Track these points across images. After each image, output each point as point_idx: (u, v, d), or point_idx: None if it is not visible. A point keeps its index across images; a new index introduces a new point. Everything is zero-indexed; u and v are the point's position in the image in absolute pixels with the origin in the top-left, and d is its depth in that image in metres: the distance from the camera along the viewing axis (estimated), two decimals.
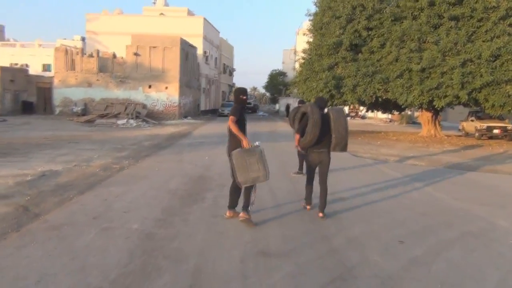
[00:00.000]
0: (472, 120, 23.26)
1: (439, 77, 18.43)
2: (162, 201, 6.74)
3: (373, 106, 23.79)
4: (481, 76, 17.85)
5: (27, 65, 56.37)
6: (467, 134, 24.12)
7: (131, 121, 28.12)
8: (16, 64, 52.85)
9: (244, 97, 5.87)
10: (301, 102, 10.71)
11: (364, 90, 19.74)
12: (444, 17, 19.51)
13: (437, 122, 23.46)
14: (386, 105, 23.83)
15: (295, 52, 26.40)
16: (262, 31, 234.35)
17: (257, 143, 5.81)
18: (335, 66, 21.10)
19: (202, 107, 42.56)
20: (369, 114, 43.69)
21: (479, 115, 23.33)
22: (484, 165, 12.75)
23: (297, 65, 26.03)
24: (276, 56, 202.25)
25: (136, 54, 32.20)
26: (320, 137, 6.03)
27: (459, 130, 25.87)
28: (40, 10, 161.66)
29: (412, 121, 40.37)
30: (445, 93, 18.29)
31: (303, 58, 23.98)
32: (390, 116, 43.09)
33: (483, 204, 7.33)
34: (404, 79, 19.20)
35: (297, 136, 6.30)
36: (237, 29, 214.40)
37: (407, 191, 8.30)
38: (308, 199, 6.54)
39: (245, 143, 5.61)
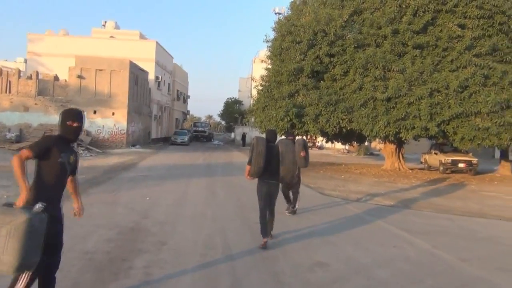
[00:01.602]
0: (435, 153, 22.40)
1: (405, 107, 17.36)
2: (67, 275, 4.61)
3: (336, 137, 22.48)
4: (449, 107, 16.95)
5: None
6: (430, 168, 23.24)
7: None
8: None
9: (75, 124, 3.49)
10: (288, 134, 9.30)
11: (327, 120, 18.34)
12: (408, 45, 18.66)
13: (400, 155, 22.43)
14: (349, 136, 22.60)
15: (252, 79, 24.99)
16: (218, 58, 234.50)
17: (38, 205, 3.16)
18: (296, 94, 19.64)
19: (154, 135, 40.06)
20: (326, 144, 42.83)
21: (442, 148, 22.53)
22: (466, 206, 11.39)
23: (254, 92, 24.47)
24: (232, 84, 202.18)
25: (80, 76, 29.64)
26: (267, 168, 6.20)
27: (421, 162, 25.04)
28: None
29: (370, 152, 39.78)
30: (412, 124, 17.20)
31: (261, 85, 22.45)
32: (347, 147, 42.42)
33: (501, 269, 5.69)
34: (368, 108, 17.99)
35: (248, 167, 6.38)
36: (192, 56, 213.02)
37: (401, 247, 6.56)
38: (264, 232, 6.26)
39: (21, 198, 3.19)
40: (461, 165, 20.87)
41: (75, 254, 5.36)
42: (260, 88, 22.48)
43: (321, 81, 19.95)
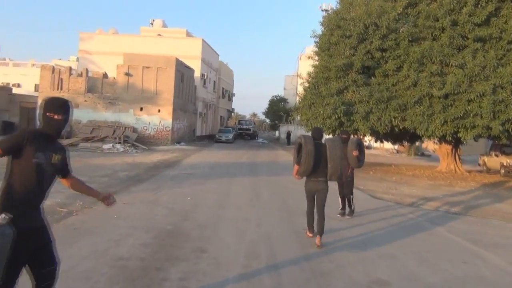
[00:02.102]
0: (496, 155, 20.76)
1: (465, 105, 16.04)
2: (94, 286, 4.14)
3: (387, 136, 21.31)
4: None
5: (18, 85, 54.54)
6: (489, 170, 21.61)
7: (118, 145, 25.60)
8: (8, 83, 50.86)
9: (56, 116, 2.88)
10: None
11: (378, 118, 17.31)
12: (468, 38, 17.28)
13: (457, 156, 20.96)
14: (402, 136, 21.37)
15: (298, 76, 24.22)
16: (263, 56, 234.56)
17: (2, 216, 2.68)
18: (345, 91, 18.72)
19: (198, 133, 40.11)
20: (374, 144, 41.31)
21: (504, 150, 20.85)
22: None
23: (300, 89, 23.69)
24: (277, 82, 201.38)
25: (127, 74, 29.98)
26: (316, 167, 6.19)
27: (479, 165, 23.38)
28: (37, 29, 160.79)
29: (421, 153, 37.95)
30: (473, 123, 15.86)
31: (308, 82, 21.64)
32: (397, 146, 40.69)
33: None
34: (424, 106, 16.80)
35: (296, 167, 6.38)
36: (238, 53, 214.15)
37: (472, 264, 5.69)
38: (310, 226, 6.54)
39: None
40: None
41: (107, 260, 4.91)
42: (307, 85, 21.65)
43: (372, 77, 18.90)
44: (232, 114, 69.86)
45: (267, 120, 76.40)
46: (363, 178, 16.18)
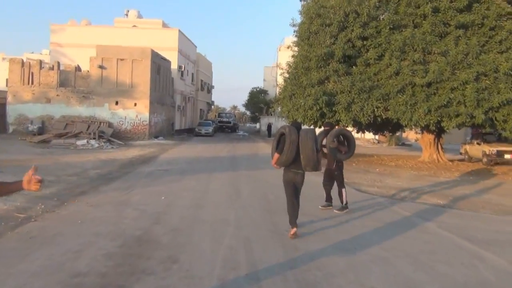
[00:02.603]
0: (478, 143, 20.57)
1: (448, 93, 15.71)
2: None
3: (370, 126, 20.92)
4: (498, 92, 15.22)
5: None
6: (471, 159, 21.45)
7: (92, 141, 24.61)
8: None
9: None
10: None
11: (361, 109, 16.85)
12: (451, 25, 16.93)
13: (439, 146, 20.72)
14: (384, 126, 21.01)
15: (277, 66, 23.53)
16: (242, 47, 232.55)
17: None
18: (326, 81, 18.20)
19: (177, 126, 39.21)
20: (355, 134, 41.11)
21: (485, 138, 20.68)
22: None
23: (280, 80, 23.11)
24: (257, 74, 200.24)
25: (101, 66, 28.88)
26: (296, 157, 6.21)
27: (460, 153, 23.23)
28: (7, 22, 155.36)
29: (402, 143, 37.91)
30: (456, 112, 15.54)
31: (288, 72, 21.06)
32: (377, 137, 40.59)
33: None
34: (407, 95, 16.40)
35: (276, 155, 6.32)
36: (216, 45, 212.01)
37: (471, 265, 5.21)
38: (293, 221, 6.26)
39: None
40: (507, 156, 19.00)
41: (61, 277, 4.23)
42: (287, 75, 21.09)
43: (354, 67, 18.42)
44: (212, 107, 68.90)
45: (248, 113, 75.73)
46: (346, 170, 15.51)
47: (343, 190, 8.27)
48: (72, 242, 5.37)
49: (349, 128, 24.79)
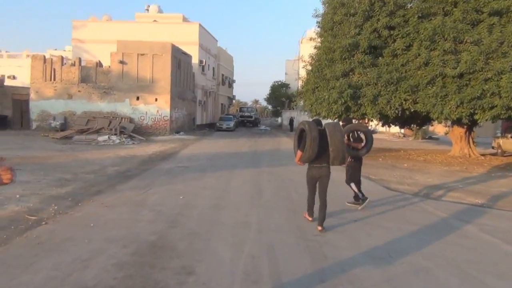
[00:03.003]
0: None
1: (482, 84, 14.82)
2: None
3: (397, 120, 20.10)
4: None
5: (14, 77, 53.30)
6: (504, 153, 20.43)
7: (114, 137, 24.50)
8: (3, 75, 49.62)
9: None
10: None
11: (388, 102, 16.11)
12: (484, 12, 15.99)
13: (470, 139, 19.77)
14: (413, 119, 20.17)
15: (300, 59, 22.81)
16: (263, 41, 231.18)
17: None
18: (351, 73, 17.49)
19: (198, 121, 38.95)
20: (380, 128, 40.10)
21: None
22: None
23: (303, 73, 22.45)
24: (278, 67, 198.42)
25: (122, 62, 28.75)
26: (319, 153, 6.19)
27: (492, 147, 22.19)
28: (32, 20, 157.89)
29: (429, 136, 36.75)
30: (491, 103, 14.66)
31: (311, 65, 20.39)
32: (403, 130, 39.48)
33: None
34: (437, 86, 15.58)
35: (299, 153, 6.35)
36: (237, 39, 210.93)
37: None
38: (310, 210, 6.64)
39: None
40: None
41: None
42: (310, 68, 20.43)
43: (380, 58, 17.64)
44: (233, 101, 68.51)
45: (269, 107, 75.10)
46: (372, 166, 15.09)
47: (351, 184, 8.02)
48: (82, 249, 4.97)
49: (375, 122, 24.17)
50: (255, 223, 6.39)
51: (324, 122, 6.68)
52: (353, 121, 10.11)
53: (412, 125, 24.16)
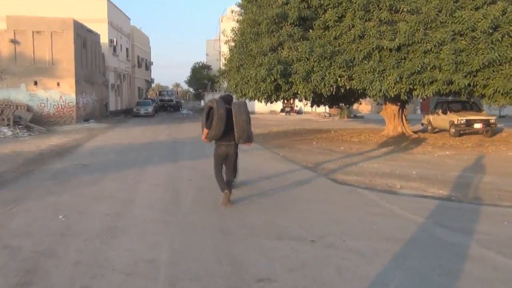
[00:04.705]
0: (443, 113, 18.90)
1: (421, 57, 13.61)
2: None
3: (331, 99, 18.60)
4: (476, 54, 13.30)
5: None
6: (434, 130, 19.88)
7: (4, 129, 20.63)
8: None
9: None
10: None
11: (322, 78, 14.40)
12: None
13: (404, 117, 18.86)
14: (346, 98, 18.81)
15: (222, 33, 20.36)
16: (182, 21, 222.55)
17: None
18: (280, 48, 15.54)
19: (112, 107, 35.26)
20: (305, 108, 39.16)
21: (451, 107, 19.06)
22: None
23: (225, 49, 20.17)
24: (199, 48, 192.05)
25: (14, 41, 24.51)
26: (226, 131, 6.27)
27: (422, 124, 21.66)
28: None
29: (354, 115, 36.43)
30: (432, 78, 13.49)
31: (234, 40, 18.18)
32: (328, 110, 38.87)
33: None
34: (374, 61, 14.16)
35: (206, 130, 6.42)
36: (153, 18, 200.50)
37: None
38: (223, 186, 6.41)
39: None
40: (477, 125, 17.49)
41: None
42: (233, 44, 18.21)
43: (311, 30, 15.90)
44: (152, 85, 64.39)
45: (191, 90, 71.94)
46: (308, 152, 13.39)
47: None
48: None
49: (297, 102, 22.47)
50: (165, 263, 4.11)
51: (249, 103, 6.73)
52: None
53: (341, 104, 23.02)
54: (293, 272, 3.92)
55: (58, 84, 25.29)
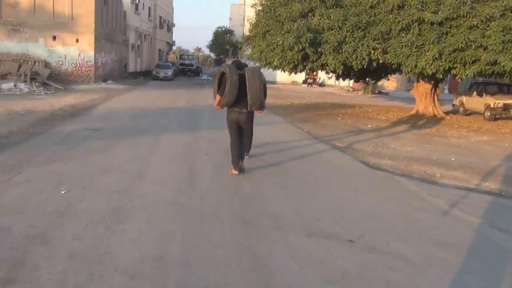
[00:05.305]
0: (479, 95, 17.70)
1: (466, 33, 12.44)
2: None
3: (360, 73, 17.54)
4: None
5: None
6: (466, 112, 18.73)
7: (21, 85, 20.16)
8: None
9: None
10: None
11: (354, 50, 13.37)
12: None
13: (436, 97, 17.74)
14: (378, 73, 17.73)
15: None
16: None
17: None
18: (310, 14, 14.50)
19: (131, 68, 34.53)
20: (328, 81, 37.91)
21: (487, 89, 17.83)
22: None
23: (250, 13, 19.08)
24: (222, 12, 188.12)
25: None
26: (239, 97, 6.06)
27: (453, 106, 20.46)
28: None
29: (378, 91, 35.12)
30: (474, 57, 12.36)
31: (261, 4, 17.09)
32: (351, 84, 37.55)
33: None
34: (412, 34, 13.04)
35: (218, 97, 6.20)
36: None
37: None
38: (236, 162, 6.28)
39: None
40: None
41: None
42: (260, 8, 17.12)
43: None
44: (173, 47, 63.27)
45: (212, 55, 70.59)
46: (333, 128, 12.55)
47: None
48: None
49: (320, 73, 21.31)
50: (177, 263, 3.43)
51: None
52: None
53: (368, 79, 21.91)
54: (332, 286, 3.21)
55: (77, 41, 24.56)
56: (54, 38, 24.33)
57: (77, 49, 24.64)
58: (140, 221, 4.26)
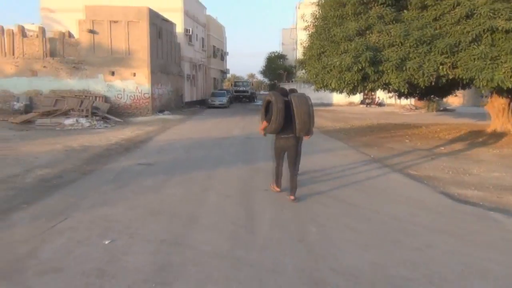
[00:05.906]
0: None
1: None
2: None
3: (425, 91, 16.29)
4: None
5: None
6: None
7: (82, 120, 20.69)
8: None
9: None
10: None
11: (419, 66, 12.27)
12: None
13: None
14: (445, 89, 16.40)
15: (301, 18, 18.53)
16: (257, 9, 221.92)
17: None
18: (368, 31, 13.61)
19: (187, 98, 34.96)
20: (387, 100, 36.39)
21: None
22: None
23: (303, 36, 18.47)
24: (274, 38, 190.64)
25: (92, 31, 24.63)
26: (285, 124, 6.16)
27: None
28: None
29: (443, 108, 33.06)
30: None
31: (314, 25, 16.45)
32: (413, 102, 35.71)
33: None
34: (484, 45, 11.77)
35: (265, 123, 6.38)
36: (227, 7, 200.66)
37: None
38: (278, 181, 6.66)
39: None
40: None
41: None
42: (313, 30, 16.48)
43: (404, 11, 13.76)
44: (227, 75, 64.19)
45: (266, 80, 70.83)
46: (402, 153, 11.43)
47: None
48: None
49: (379, 93, 20.21)
50: None
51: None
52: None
53: (433, 96, 20.43)
54: None
55: (134, 75, 25.11)
56: (113, 73, 25.02)
57: (134, 83, 25.17)
58: (190, 282, 3.57)
